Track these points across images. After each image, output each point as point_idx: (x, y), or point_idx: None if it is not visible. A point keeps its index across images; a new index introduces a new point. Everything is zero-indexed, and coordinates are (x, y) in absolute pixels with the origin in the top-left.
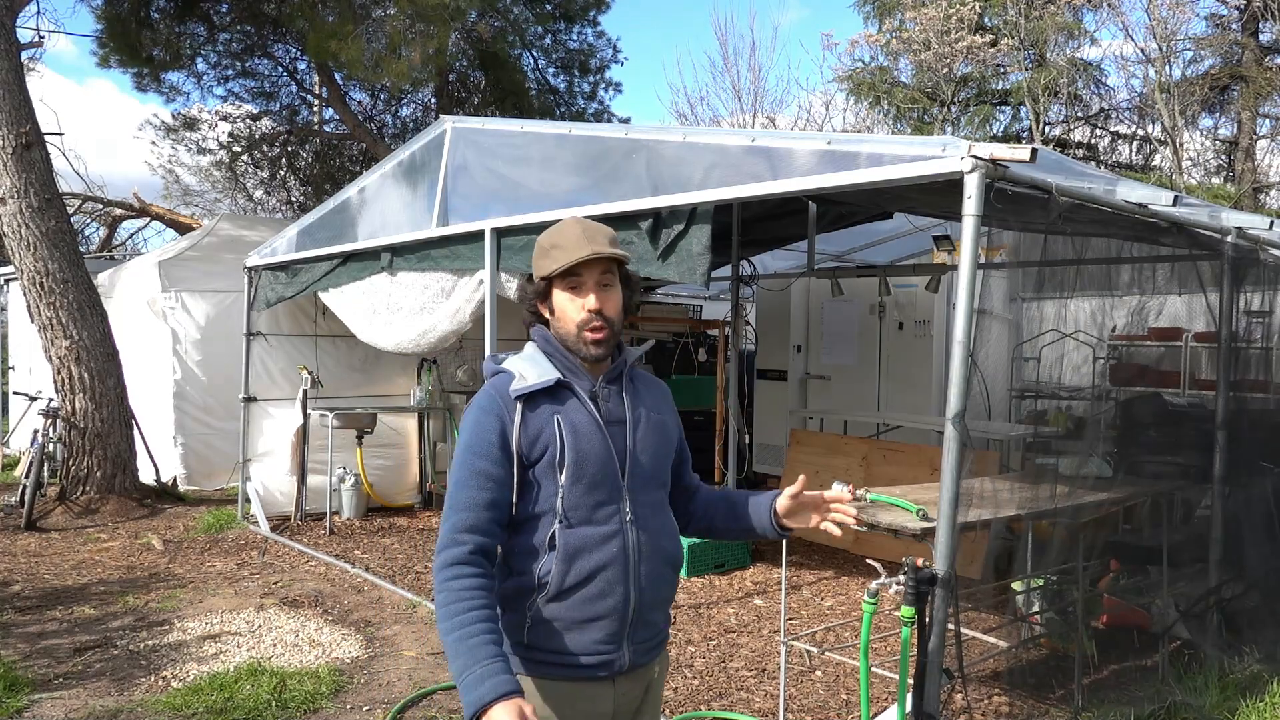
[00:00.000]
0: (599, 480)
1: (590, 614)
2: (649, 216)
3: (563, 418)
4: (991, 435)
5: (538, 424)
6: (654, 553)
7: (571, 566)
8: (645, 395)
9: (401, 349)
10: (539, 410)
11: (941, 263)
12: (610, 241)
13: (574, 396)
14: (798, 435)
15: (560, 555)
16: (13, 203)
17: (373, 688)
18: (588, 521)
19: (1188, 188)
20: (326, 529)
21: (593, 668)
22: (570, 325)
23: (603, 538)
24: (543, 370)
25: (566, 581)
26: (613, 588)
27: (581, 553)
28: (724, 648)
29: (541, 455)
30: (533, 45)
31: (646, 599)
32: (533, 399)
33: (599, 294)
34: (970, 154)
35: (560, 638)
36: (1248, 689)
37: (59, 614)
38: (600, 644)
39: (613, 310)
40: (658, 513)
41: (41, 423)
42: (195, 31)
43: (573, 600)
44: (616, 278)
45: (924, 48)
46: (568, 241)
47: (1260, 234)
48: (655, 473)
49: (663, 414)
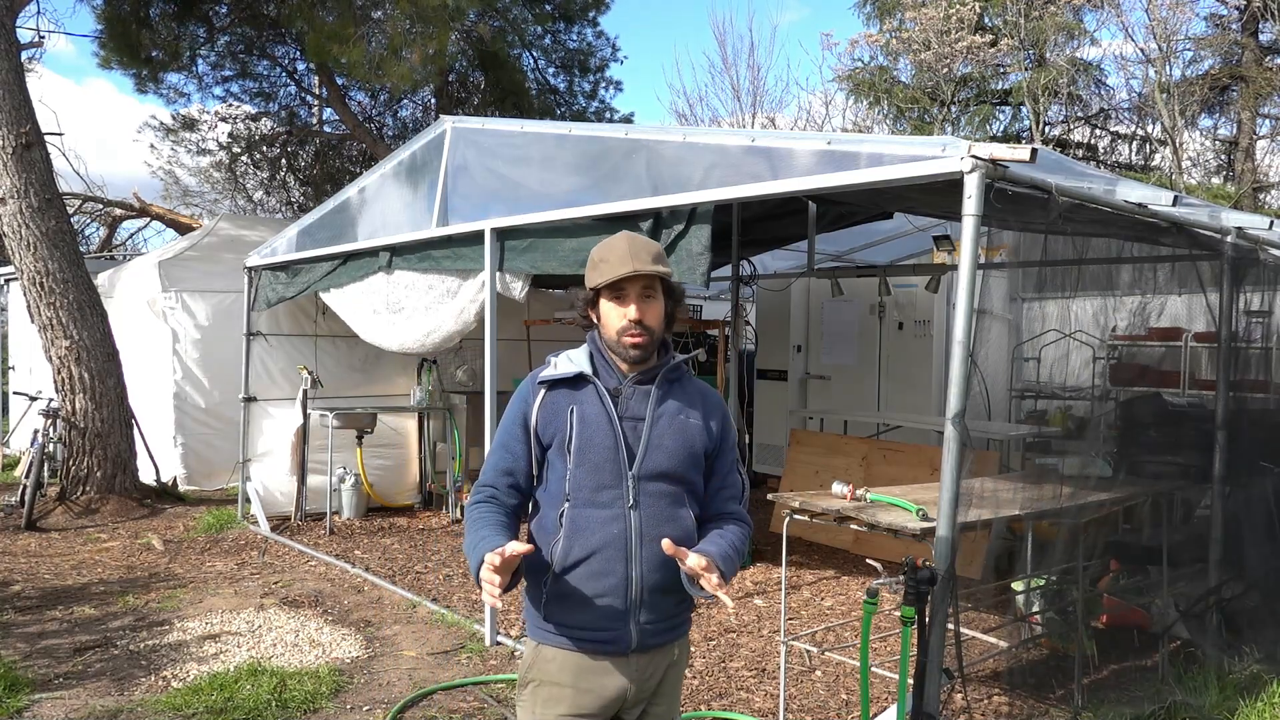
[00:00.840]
0: (601, 466)
1: (593, 590)
2: (649, 216)
3: (577, 407)
4: (991, 435)
5: (553, 410)
6: (657, 539)
7: (574, 544)
8: (680, 398)
9: (406, 349)
10: (558, 398)
11: (941, 263)
12: (654, 258)
13: (593, 390)
14: (798, 435)
15: (566, 532)
16: (13, 203)
17: (373, 688)
18: (590, 503)
19: (1188, 188)
20: (326, 529)
21: (601, 643)
22: (612, 331)
23: (603, 520)
24: (576, 364)
25: (570, 558)
26: (612, 567)
27: (583, 531)
28: (724, 648)
29: (553, 438)
30: (532, 45)
31: (649, 582)
32: (555, 387)
33: (640, 305)
34: (970, 154)
35: (571, 613)
36: (1247, 689)
37: (59, 614)
38: (605, 620)
39: (653, 320)
40: (667, 504)
41: (41, 423)
42: (195, 33)
43: (576, 576)
44: (659, 290)
45: (924, 48)
46: (614, 256)
47: (1260, 234)
48: (671, 468)
49: (694, 417)
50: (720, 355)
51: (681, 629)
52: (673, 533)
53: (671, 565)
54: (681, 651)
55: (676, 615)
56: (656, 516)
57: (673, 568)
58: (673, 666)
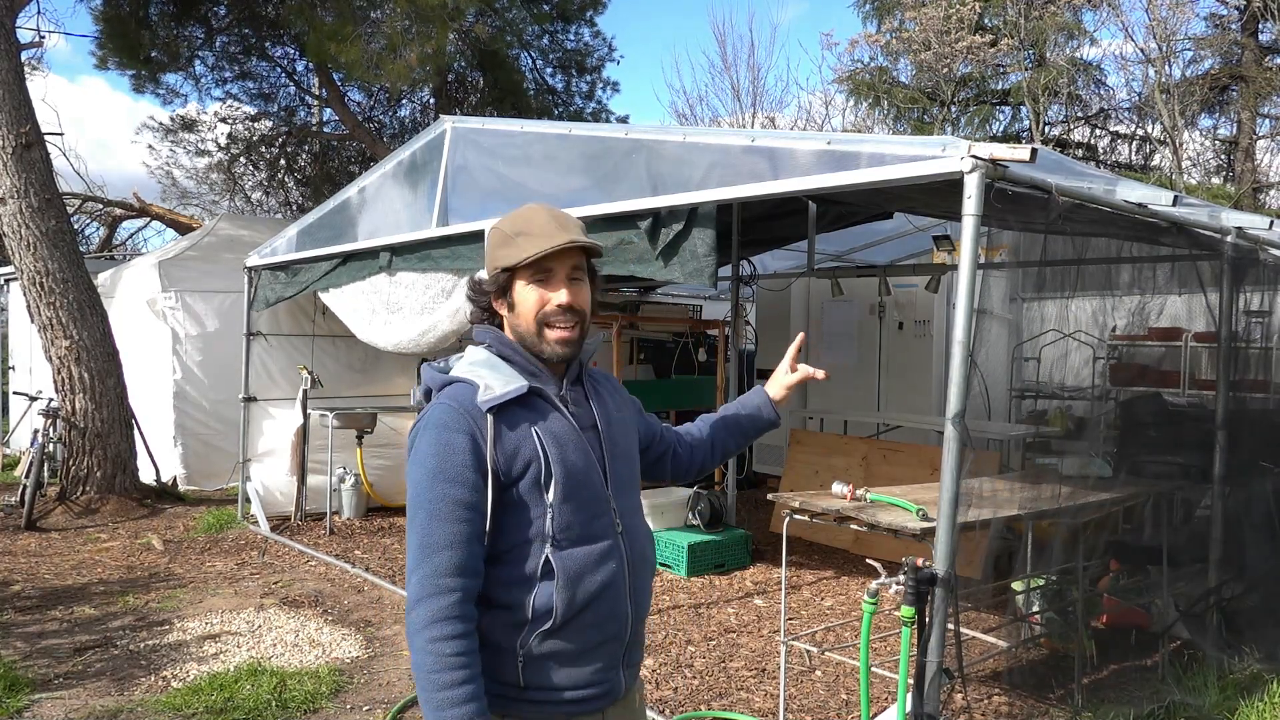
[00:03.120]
0: (587, 493)
1: (595, 640)
2: (649, 216)
3: (542, 429)
4: (991, 435)
5: (515, 439)
6: (641, 563)
7: (576, 592)
8: (606, 395)
9: (401, 349)
10: (514, 422)
11: (941, 263)
12: (582, 230)
13: (548, 404)
14: (798, 435)
15: (562, 582)
16: (13, 203)
17: (373, 688)
18: (582, 540)
19: (1188, 188)
20: (326, 529)
21: (591, 700)
22: (530, 322)
23: (600, 556)
24: (507, 377)
25: (573, 608)
26: (616, 608)
27: (583, 575)
28: (724, 648)
29: (524, 472)
30: (530, 45)
31: (639, 614)
32: (504, 410)
33: (570, 287)
34: (970, 154)
35: (559, 672)
36: (1247, 689)
37: (59, 614)
38: (600, 672)
39: (584, 305)
40: (639, 518)
41: (41, 423)
42: (194, 33)
43: (574, 628)
44: (585, 271)
45: (924, 48)
46: (536, 229)
47: (1260, 234)
48: (631, 475)
49: (624, 411)
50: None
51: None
52: (650, 553)
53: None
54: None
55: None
56: (639, 537)
57: (651, 591)
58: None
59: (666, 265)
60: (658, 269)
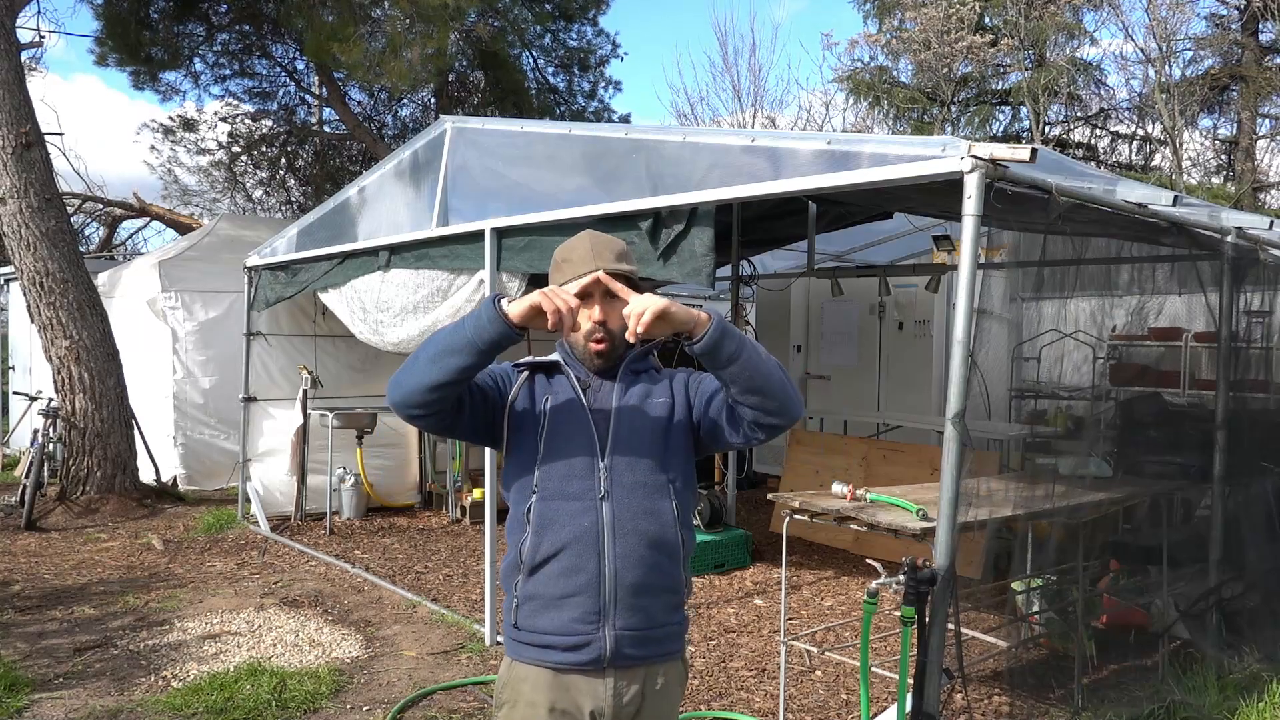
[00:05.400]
0: (571, 454)
1: (564, 590)
2: (649, 216)
3: (552, 396)
4: (991, 435)
5: (528, 393)
6: (631, 532)
7: (543, 539)
8: (643, 386)
9: (401, 349)
10: (534, 383)
11: (941, 263)
12: (618, 256)
13: (565, 380)
14: (797, 435)
15: (534, 527)
16: (13, 203)
17: (373, 688)
18: (559, 495)
19: (1188, 188)
20: (326, 529)
21: (574, 649)
22: (576, 335)
23: (573, 513)
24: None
25: (538, 555)
26: (582, 563)
27: (552, 525)
28: (724, 648)
29: (524, 419)
30: (532, 45)
31: (625, 579)
32: (533, 375)
33: (604, 306)
34: (970, 154)
35: (540, 617)
36: (1247, 689)
37: (59, 614)
38: (577, 623)
39: (616, 322)
40: (643, 496)
41: (41, 423)
42: (194, 31)
43: (545, 574)
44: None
45: (924, 47)
46: (576, 256)
47: (1260, 234)
48: (644, 457)
49: (659, 397)
50: None
51: (670, 648)
52: (650, 526)
53: (651, 563)
54: (670, 680)
55: (664, 626)
56: (632, 509)
57: (653, 565)
58: (657, 696)
59: (665, 265)
60: (657, 269)
